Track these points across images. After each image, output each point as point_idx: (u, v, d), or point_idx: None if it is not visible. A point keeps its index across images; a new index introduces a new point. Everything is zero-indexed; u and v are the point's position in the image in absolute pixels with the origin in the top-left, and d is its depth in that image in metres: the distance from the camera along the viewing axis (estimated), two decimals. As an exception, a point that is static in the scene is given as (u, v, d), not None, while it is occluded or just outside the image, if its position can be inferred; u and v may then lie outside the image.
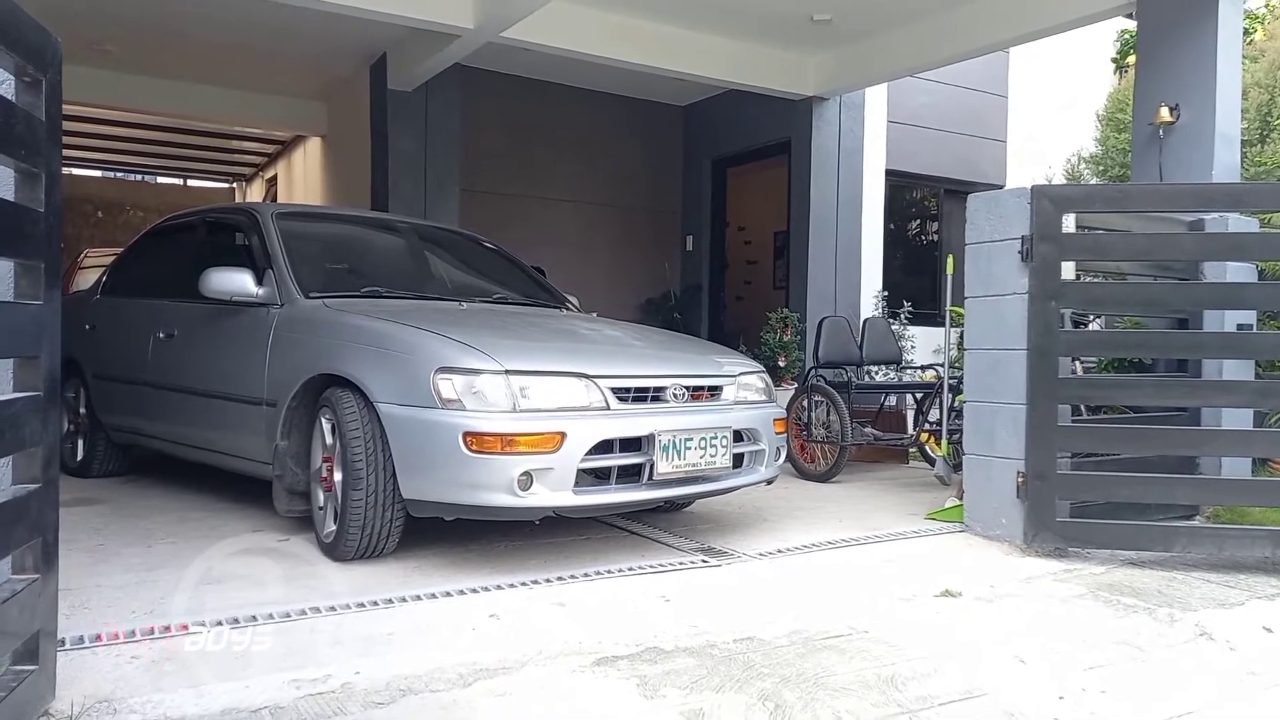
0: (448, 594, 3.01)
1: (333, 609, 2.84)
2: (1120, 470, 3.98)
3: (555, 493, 3.09)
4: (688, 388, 3.56)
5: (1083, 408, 4.30)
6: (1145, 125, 5.27)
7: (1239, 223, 4.22)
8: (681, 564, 3.53)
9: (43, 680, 1.99)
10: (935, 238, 9.83)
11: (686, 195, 9.78)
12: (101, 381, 4.86)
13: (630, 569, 3.41)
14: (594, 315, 4.83)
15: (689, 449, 3.38)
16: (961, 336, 4.36)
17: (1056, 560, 3.78)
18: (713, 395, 3.69)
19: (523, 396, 3.11)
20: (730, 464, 3.56)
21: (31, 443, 1.93)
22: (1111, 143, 7.79)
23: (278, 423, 3.56)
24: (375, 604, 2.89)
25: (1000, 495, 3.95)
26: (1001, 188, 9.56)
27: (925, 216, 9.87)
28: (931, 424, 5.71)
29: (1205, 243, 4.10)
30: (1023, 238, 3.85)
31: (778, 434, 3.88)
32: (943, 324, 5.53)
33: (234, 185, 15.21)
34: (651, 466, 3.29)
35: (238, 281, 3.80)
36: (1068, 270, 3.82)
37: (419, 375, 3.12)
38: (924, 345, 8.07)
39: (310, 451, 3.51)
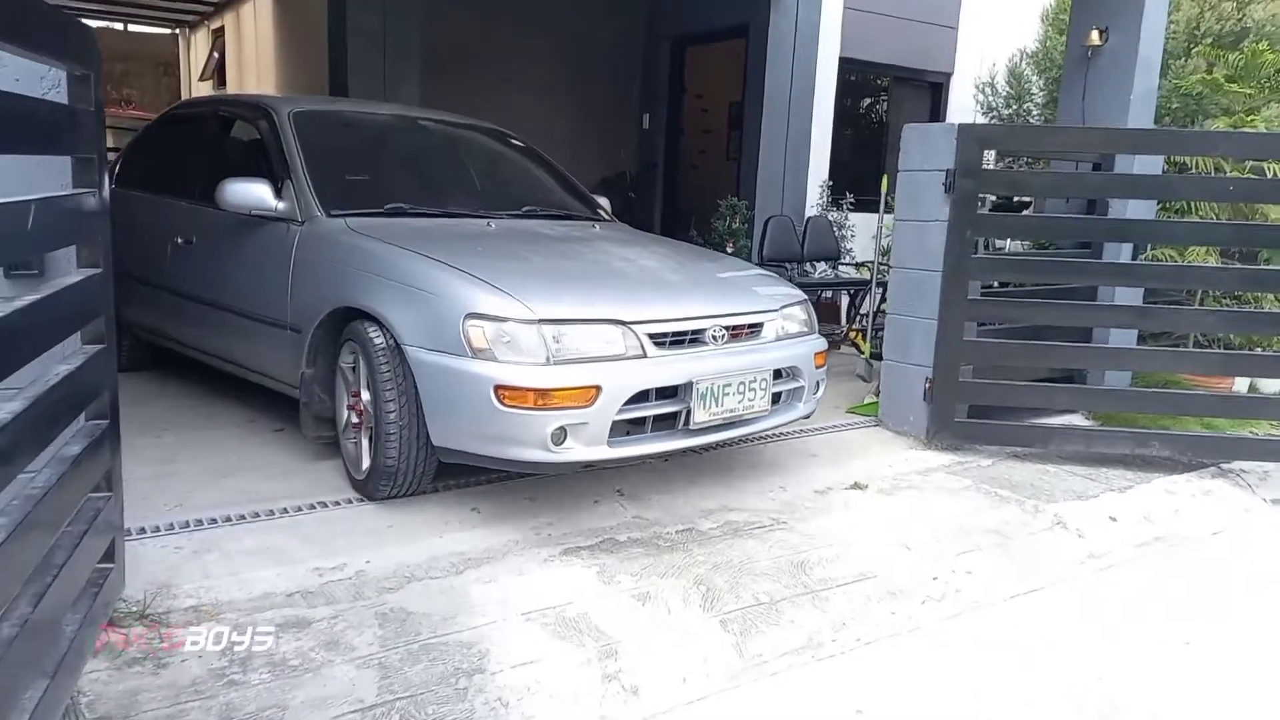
0: (434, 489, 3.48)
1: (337, 503, 3.34)
2: (1013, 379, 4.58)
3: (590, 447, 3.00)
4: (727, 328, 3.41)
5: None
6: (1078, 46, 5.59)
7: (1144, 163, 4.68)
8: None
9: (118, 575, 2.47)
10: (884, 119, 10.11)
11: (646, 75, 9.85)
12: (123, 279, 4.66)
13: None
14: (626, 228, 4.62)
15: (727, 395, 3.28)
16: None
17: (952, 454, 4.41)
18: (752, 333, 3.53)
19: (557, 346, 2.99)
20: (769, 405, 3.47)
21: (97, 311, 2.32)
22: (1052, 43, 8.05)
23: (302, 349, 3.52)
24: (364, 499, 3.35)
25: (910, 397, 4.54)
26: (950, 75, 9.86)
27: (875, 102, 10.10)
28: (862, 317, 6.26)
29: (1105, 182, 4.58)
30: (947, 170, 4.27)
31: (818, 368, 3.74)
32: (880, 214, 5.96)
33: (177, 32, 14.62)
34: (689, 413, 3.20)
35: (256, 194, 3.65)
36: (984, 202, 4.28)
37: (448, 320, 3.02)
38: (864, 232, 8.50)
39: (335, 377, 3.50)
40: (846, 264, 7.55)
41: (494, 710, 2.25)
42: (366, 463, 3.29)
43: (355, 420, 3.37)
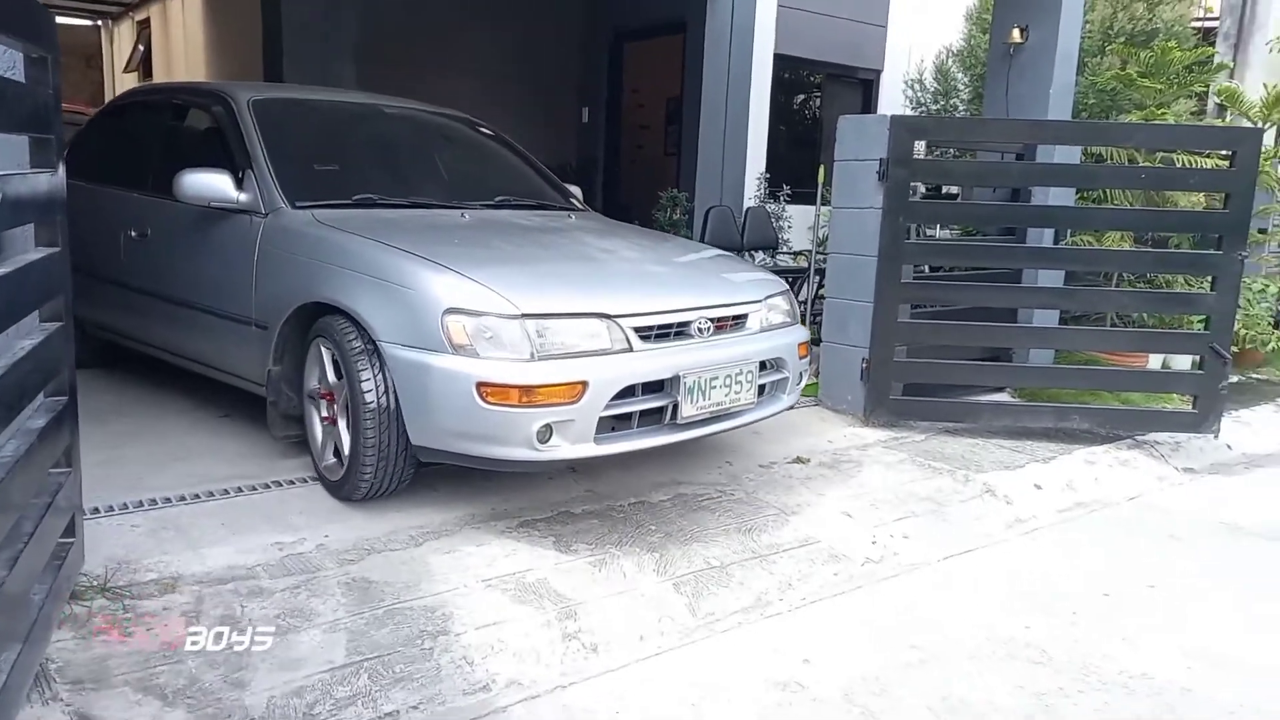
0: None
1: (291, 483, 3.37)
2: (945, 359, 4.80)
3: (576, 444, 2.91)
4: (713, 319, 3.32)
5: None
6: (1000, 43, 5.84)
7: (1065, 153, 4.95)
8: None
9: (78, 551, 2.48)
10: (818, 115, 10.37)
11: (585, 68, 9.94)
12: (73, 273, 4.45)
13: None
14: (600, 217, 4.54)
15: (714, 388, 3.21)
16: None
17: (889, 430, 4.61)
18: (737, 324, 3.46)
19: (540, 341, 2.88)
20: (755, 397, 3.40)
21: (56, 290, 2.33)
22: (975, 41, 8.38)
23: (269, 346, 3.39)
24: (317, 479, 3.35)
25: (848, 377, 4.73)
26: (880, 72, 10.16)
27: (808, 98, 10.35)
28: (800, 304, 6.44)
29: (1028, 171, 4.83)
30: (881, 159, 4.46)
31: (801, 359, 3.68)
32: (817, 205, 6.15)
33: (99, 24, 14.21)
34: (675, 408, 3.11)
35: (216, 186, 3.50)
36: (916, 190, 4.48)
37: (426, 315, 2.90)
38: (800, 224, 8.73)
39: (304, 374, 3.36)
40: (784, 254, 7.75)
41: (460, 668, 2.34)
42: (342, 464, 3.17)
43: (327, 419, 3.27)
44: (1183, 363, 5.52)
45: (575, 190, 4.68)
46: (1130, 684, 2.54)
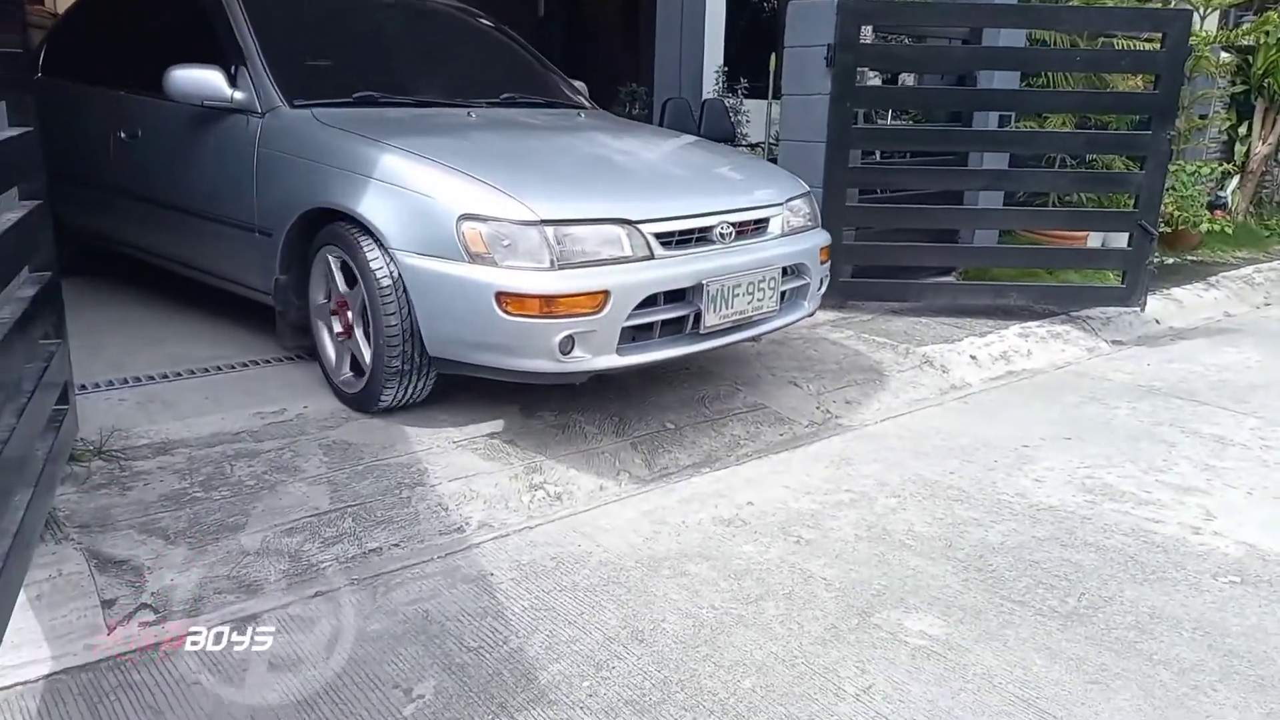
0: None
1: (267, 361, 3.55)
2: (894, 242, 5.02)
3: (598, 356, 2.82)
4: (735, 224, 3.20)
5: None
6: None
7: (1010, 38, 5.08)
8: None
9: (72, 418, 2.65)
10: (775, 9, 10.30)
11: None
12: (58, 178, 3.99)
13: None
14: (610, 115, 4.42)
15: (737, 296, 3.11)
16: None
17: (837, 311, 4.84)
18: (758, 229, 3.34)
19: (560, 249, 2.76)
20: (777, 304, 3.30)
21: (32, 167, 2.44)
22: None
23: (275, 255, 3.28)
24: (302, 357, 3.55)
25: (800, 261, 4.93)
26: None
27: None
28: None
29: (971, 55, 4.96)
30: (828, 45, 4.57)
31: (822, 264, 3.58)
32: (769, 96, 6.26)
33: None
34: (698, 317, 3.03)
35: (209, 83, 3.33)
36: (863, 75, 4.62)
37: (441, 222, 2.80)
38: (758, 119, 8.79)
39: (310, 282, 3.27)
40: (742, 146, 7.84)
41: (435, 513, 2.58)
42: (359, 377, 3.11)
43: (340, 332, 3.19)
44: (1120, 242, 5.78)
45: (581, 86, 4.50)
46: (1038, 514, 2.84)
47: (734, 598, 2.29)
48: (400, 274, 2.89)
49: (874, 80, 5.42)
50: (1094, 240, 5.90)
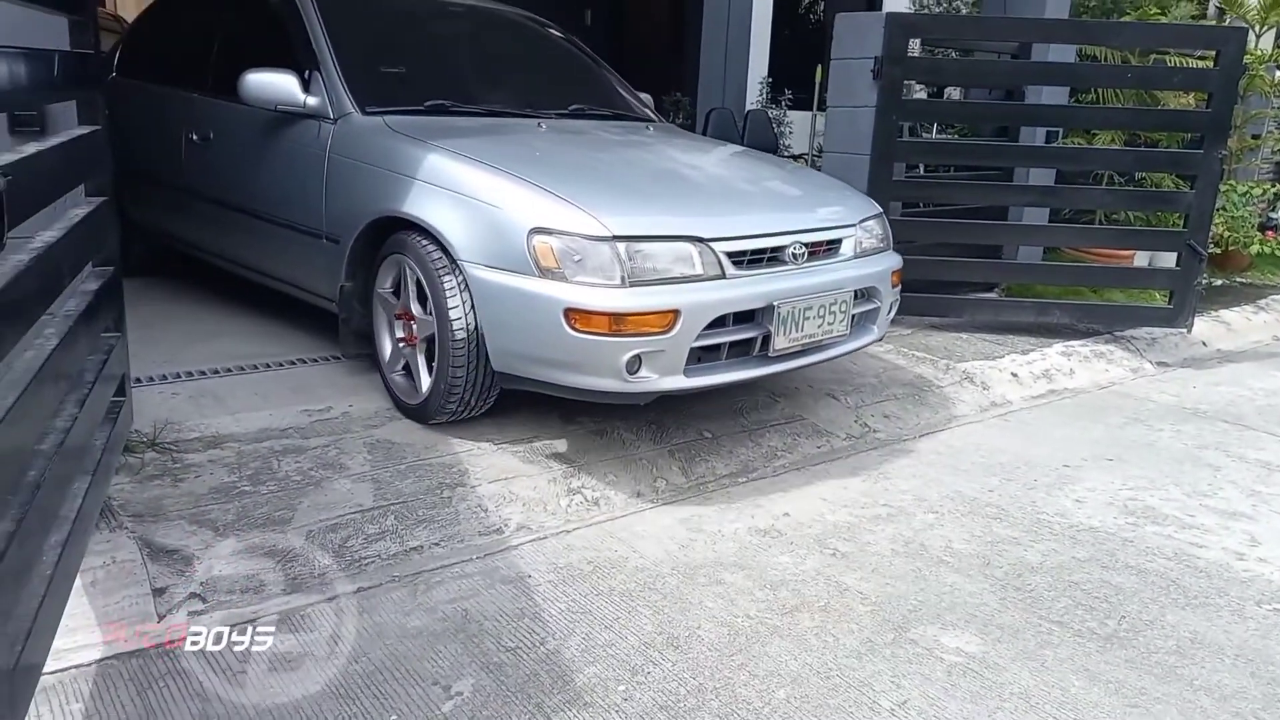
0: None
1: (315, 360, 3.63)
2: (936, 256, 4.99)
3: (666, 376, 2.77)
4: (807, 245, 3.11)
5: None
6: (1002, -56, 5.87)
7: (1059, 53, 5.04)
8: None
9: (128, 410, 2.73)
10: (822, 20, 10.30)
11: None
12: (129, 177, 3.96)
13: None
14: (678, 129, 4.39)
15: (807, 319, 3.03)
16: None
17: (878, 324, 4.82)
18: (830, 250, 3.25)
19: (631, 266, 2.70)
20: (848, 328, 3.21)
21: (100, 164, 2.52)
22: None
23: (341, 261, 3.27)
24: (339, 358, 3.62)
25: (841, 273, 4.92)
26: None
27: (814, 2, 10.26)
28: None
29: (1020, 69, 4.93)
30: (875, 58, 4.56)
31: (893, 287, 3.47)
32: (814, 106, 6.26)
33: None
34: (767, 339, 2.95)
35: (283, 88, 3.34)
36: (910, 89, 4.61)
37: (511, 235, 2.76)
38: (801, 130, 8.79)
39: (373, 292, 3.26)
40: (785, 158, 7.85)
41: (475, 514, 2.62)
42: (425, 385, 3.05)
43: (403, 341, 3.17)
44: (1168, 261, 5.70)
45: (647, 99, 4.47)
46: (1078, 535, 2.81)
47: (769, 608, 2.30)
48: (468, 286, 2.87)
49: (920, 94, 5.41)
50: (1141, 259, 5.82)
